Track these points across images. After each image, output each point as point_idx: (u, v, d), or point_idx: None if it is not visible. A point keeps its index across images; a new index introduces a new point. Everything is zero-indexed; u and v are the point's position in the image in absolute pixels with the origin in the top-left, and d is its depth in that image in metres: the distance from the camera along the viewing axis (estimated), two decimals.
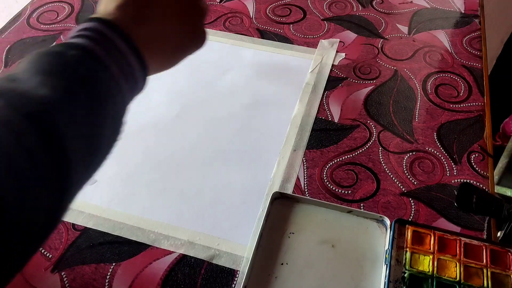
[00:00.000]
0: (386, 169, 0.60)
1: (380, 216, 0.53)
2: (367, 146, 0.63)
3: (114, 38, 0.35)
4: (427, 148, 0.63)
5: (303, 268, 0.50)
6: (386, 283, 0.48)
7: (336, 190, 0.58)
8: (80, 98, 0.31)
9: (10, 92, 0.27)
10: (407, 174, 0.60)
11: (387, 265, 0.49)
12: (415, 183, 0.59)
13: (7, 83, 0.28)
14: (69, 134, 0.29)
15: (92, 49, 0.33)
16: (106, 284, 0.51)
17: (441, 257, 0.49)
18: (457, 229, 0.54)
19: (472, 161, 0.61)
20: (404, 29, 0.81)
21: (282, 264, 0.51)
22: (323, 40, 0.79)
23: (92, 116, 0.32)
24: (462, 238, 0.51)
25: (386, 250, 0.51)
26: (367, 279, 0.49)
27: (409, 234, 0.51)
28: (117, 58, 0.34)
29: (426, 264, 0.49)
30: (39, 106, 0.28)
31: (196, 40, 0.44)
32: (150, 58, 0.38)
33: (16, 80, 0.29)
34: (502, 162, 1.31)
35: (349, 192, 0.58)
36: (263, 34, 0.80)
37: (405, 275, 0.48)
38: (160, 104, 0.70)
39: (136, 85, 0.38)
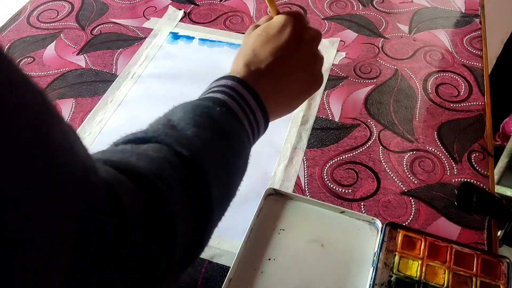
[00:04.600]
0: (387, 168, 0.60)
1: (372, 219, 0.53)
2: (367, 145, 0.63)
3: (247, 97, 0.40)
4: (427, 147, 0.63)
5: (290, 265, 0.50)
6: (371, 285, 0.48)
7: (337, 189, 0.58)
8: (222, 150, 0.36)
9: (174, 142, 0.33)
10: (407, 173, 0.60)
11: (373, 267, 0.49)
12: (416, 182, 0.59)
13: (170, 131, 0.35)
14: (213, 181, 0.34)
15: (231, 107, 0.38)
16: None
17: (430, 263, 0.49)
18: (457, 228, 0.54)
19: (473, 161, 0.61)
20: (405, 28, 0.81)
21: (269, 259, 0.51)
22: (323, 39, 0.79)
23: (229, 166, 0.37)
24: (454, 246, 0.50)
25: (375, 253, 0.51)
26: (353, 281, 0.49)
27: (399, 238, 0.51)
28: (248, 115, 0.40)
29: (414, 269, 0.49)
30: (193, 156, 0.33)
31: (314, 85, 0.46)
32: (273, 110, 0.43)
33: (177, 129, 0.35)
34: (502, 161, 1.31)
35: (350, 191, 0.58)
36: None
37: (392, 278, 0.48)
38: (160, 103, 0.70)
39: (258, 136, 0.43)
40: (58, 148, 0.21)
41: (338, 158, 0.62)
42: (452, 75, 0.73)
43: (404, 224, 0.54)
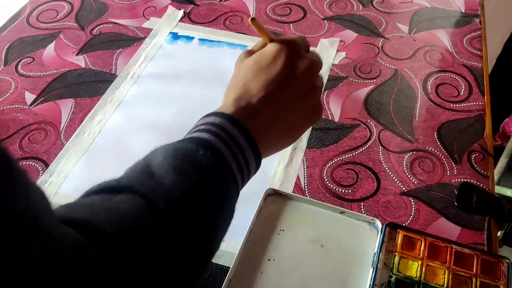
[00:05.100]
0: (387, 169, 0.60)
1: (372, 219, 0.53)
2: (367, 146, 0.63)
3: (236, 136, 0.36)
4: (427, 148, 0.62)
5: (289, 266, 0.50)
6: (371, 286, 0.48)
7: (336, 189, 0.58)
8: (204, 201, 0.33)
9: (149, 192, 0.31)
10: (407, 173, 0.60)
11: (373, 268, 0.49)
12: (416, 182, 0.59)
13: (146, 180, 0.32)
14: (192, 236, 0.31)
15: (217, 148, 0.35)
16: None
17: (430, 264, 0.49)
18: (457, 228, 0.54)
19: (473, 161, 0.61)
20: (405, 28, 0.81)
21: (269, 260, 0.51)
22: (323, 39, 0.79)
23: (211, 217, 0.34)
24: (454, 246, 0.50)
25: (375, 253, 0.50)
26: (353, 281, 0.49)
27: (399, 238, 0.51)
28: (237, 155, 0.36)
29: (414, 269, 0.49)
30: (170, 209, 0.30)
31: (312, 117, 0.43)
32: (266, 147, 0.39)
33: (154, 177, 0.32)
34: (502, 162, 1.31)
35: (349, 191, 0.58)
36: None
37: (392, 279, 0.48)
38: (159, 102, 0.70)
39: (248, 177, 0.39)
40: (21, 222, 0.20)
41: (338, 159, 0.61)
42: (452, 75, 0.72)
43: (404, 225, 0.54)
